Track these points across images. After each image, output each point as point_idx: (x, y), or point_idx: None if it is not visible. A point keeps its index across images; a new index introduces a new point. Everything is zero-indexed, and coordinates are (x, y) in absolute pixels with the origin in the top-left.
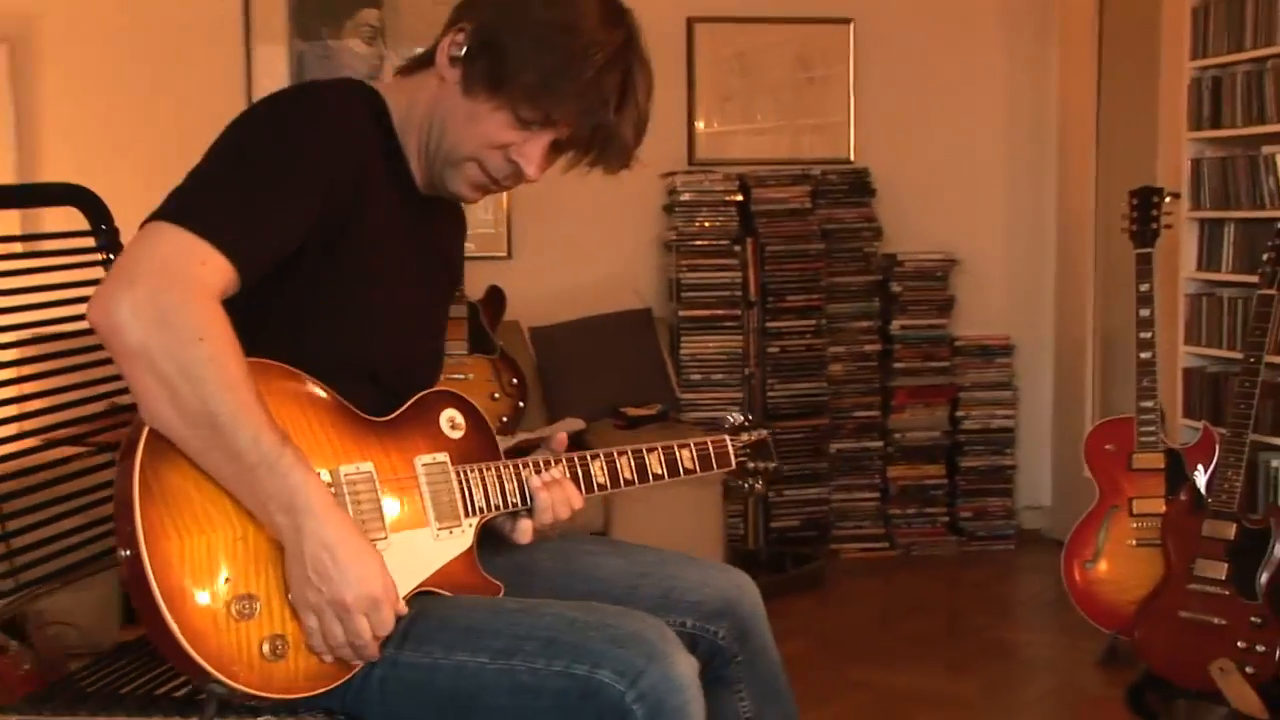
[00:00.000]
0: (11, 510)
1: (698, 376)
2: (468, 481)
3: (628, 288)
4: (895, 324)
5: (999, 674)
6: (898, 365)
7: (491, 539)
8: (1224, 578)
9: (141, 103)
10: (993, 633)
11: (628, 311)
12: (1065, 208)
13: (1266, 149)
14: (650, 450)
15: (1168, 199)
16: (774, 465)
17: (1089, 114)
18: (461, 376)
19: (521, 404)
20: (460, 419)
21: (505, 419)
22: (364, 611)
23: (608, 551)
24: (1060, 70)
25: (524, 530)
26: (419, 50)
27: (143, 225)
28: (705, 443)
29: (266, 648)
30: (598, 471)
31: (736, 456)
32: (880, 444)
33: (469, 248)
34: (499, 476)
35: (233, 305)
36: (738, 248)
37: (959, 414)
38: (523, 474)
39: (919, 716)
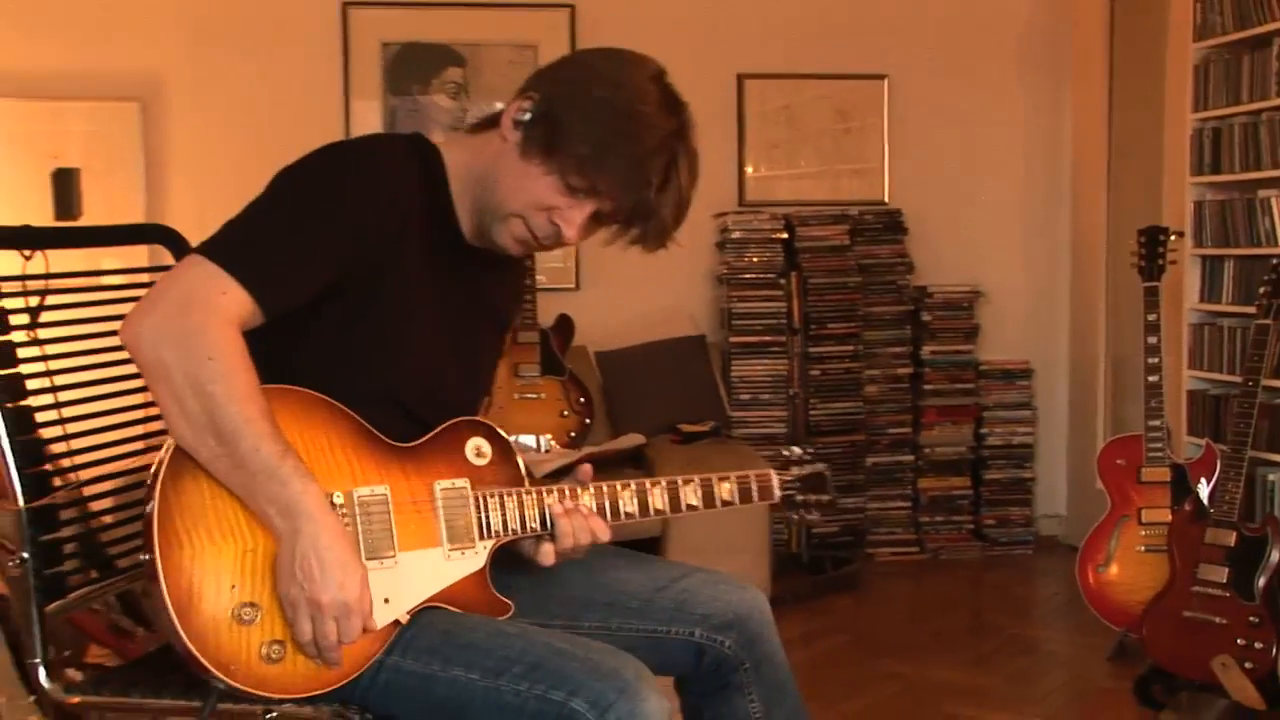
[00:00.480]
0: (129, 501)
1: (747, 396)
2: (485, 506)
3: (684, 316)
4: (925, 349)
5: (1019, 667)
6: (927, 387)
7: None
8: (1224, 581)
9: (254, 151)
10: (1013, 630)
11: (684, 338)
12: (1079, 244)
13: (1262, 193)
14: (686, 481)
15: (1172, 237)
16: (827, 499)
17: (1100, 160)
18: (534, 396)
19: (588, 420)
20: (486, 447)
21: (573, 434)
22: (334, 616)
23: (629, 565)
24: (1074, 120)
25: (545, 554)
26: (498, 105)
27: (185, 256)
28: (748, 476)
29: (264, 651)
30: (627, 500)
31: (783, 490)
32: (911, 458)
33: (540, 280)
34: (519, 502)
35: (277, 334)
36: (783, 280)
37: (983, 431)
38: (545, 500)
39: (946, 705)
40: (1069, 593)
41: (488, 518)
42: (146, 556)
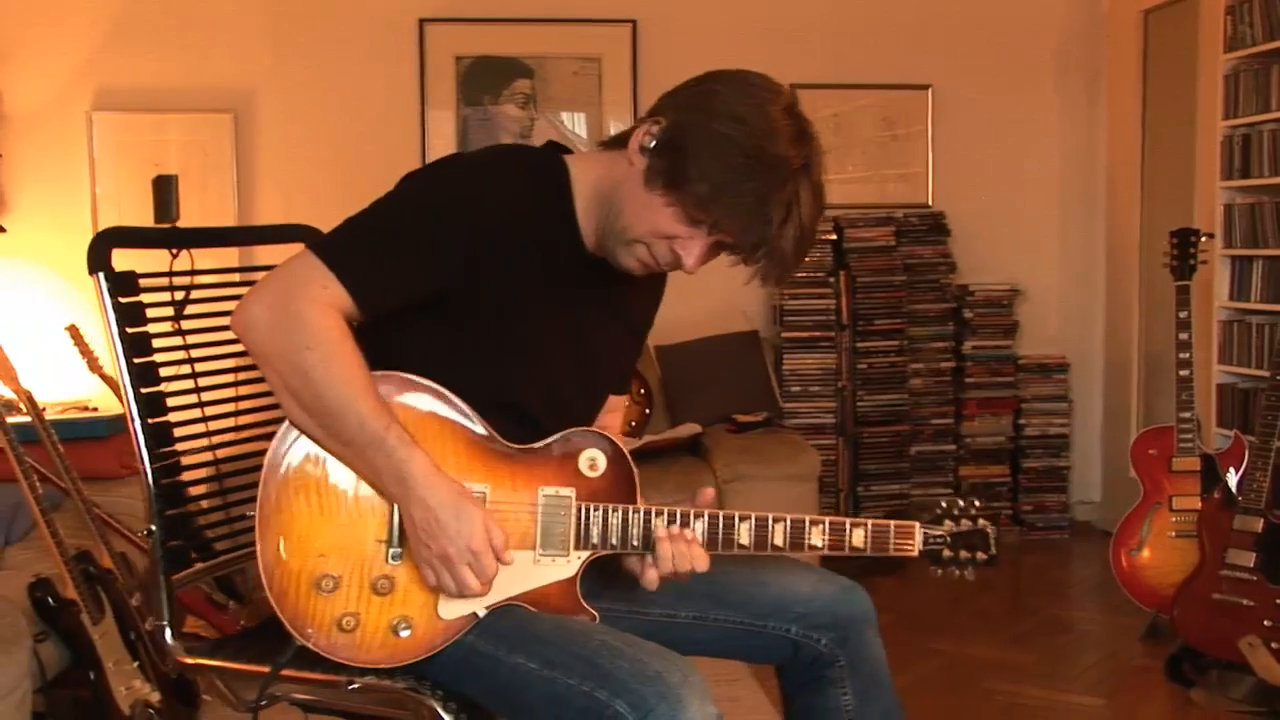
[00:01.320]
0: (235, 485)
1: (797, 389)
2: (587, 518)
3: (738, 313)
4: (967, 345)
5: (1055, 646)
6: (969, 380)
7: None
8: (1252, 565)
9: (336, 158)
10: (1049, 610)
11: (738, 333)
12: (1114, 245)
13: None
14: (815, 522)
15: (1203, 239)
16: (988, 558)
17: (1134, 165)
18: None
19: (648, 411)
20: (601, 460)
21: (634, 423)
22: (465, 563)
23: (739, 560)
24: (1108, 127)
25: (649, 580)
26: (562, 115)
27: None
28: (886, 526)
29: (341, 620)
30: (743, 534)
31: (928, 545)
32: (953, 447)
33: None
34: (624, 519)
35: (401, 331)
36: (832, 279)
37: (1021, 422)
38: (652, 521)
39: (985, 681)
40: (1103, 575)
41: (588, 529)
42: (252, 514)
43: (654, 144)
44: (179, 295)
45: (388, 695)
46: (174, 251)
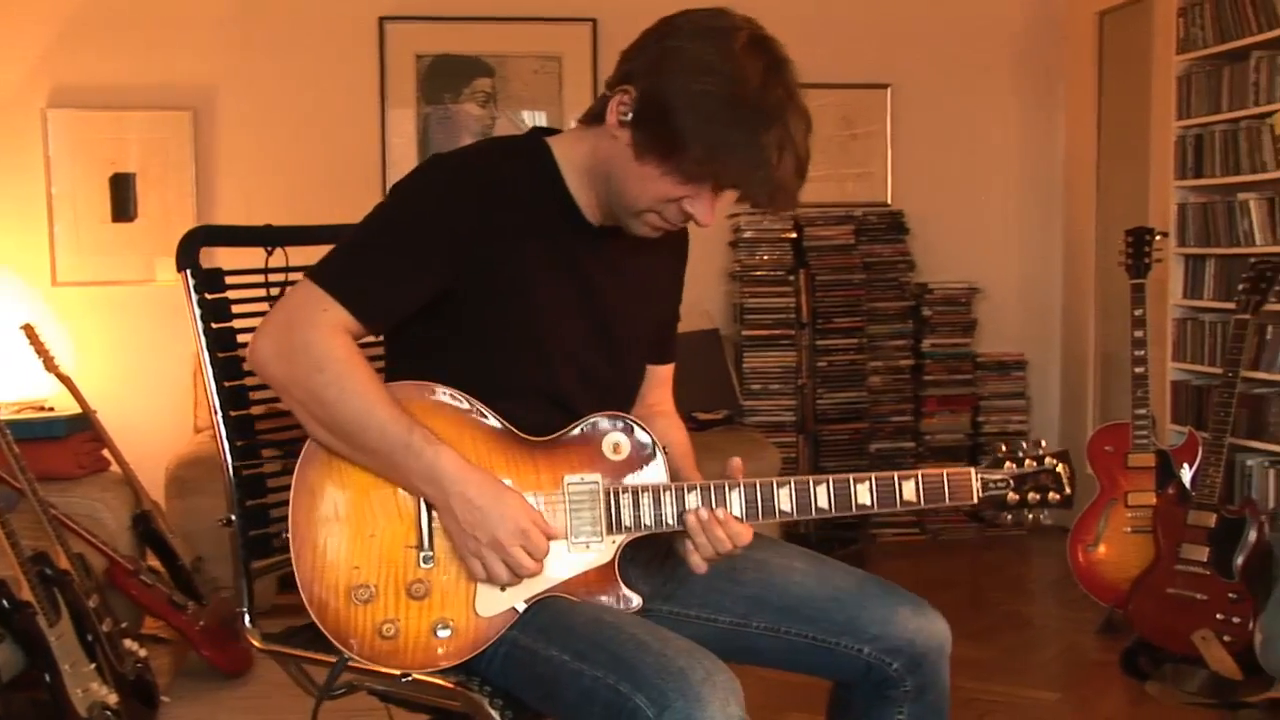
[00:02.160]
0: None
1: (758, 386)
2: (617, 502)
3: (699, 311)
4: (926, 342)
5: (1014, 641)
6: (928, 378)
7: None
8: (1205, 560)
9: (297, 156)
10: (1008, 606)
11: (699, 331)
12: (1070, 244)
13: (1241, 196)
14: (860, 480)
15: (1158, 237)
16: (1062, 498)
17: (1090, 165)
18: None
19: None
20: (625, 444)
21: None
22: (518, 543)
23: (807, 570)
24: (1065, 127)
25: (696, 565)
26: (523, 114)
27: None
28: (939, 474)
29: (381, 628)
30: (784, 499)
31: (988, 490)
32: (913, 444)
33: None
34: (655, 499)
35: (424, 335)
36: (792, 277)
37: (979, 419)
38: (686, 500)
39: None
40: (1060, 571)
41: (619, 513)
42: (287, 535)
43: (631, 116)
44: (275, 292)
45: (440, 690)
46: (269, 249)
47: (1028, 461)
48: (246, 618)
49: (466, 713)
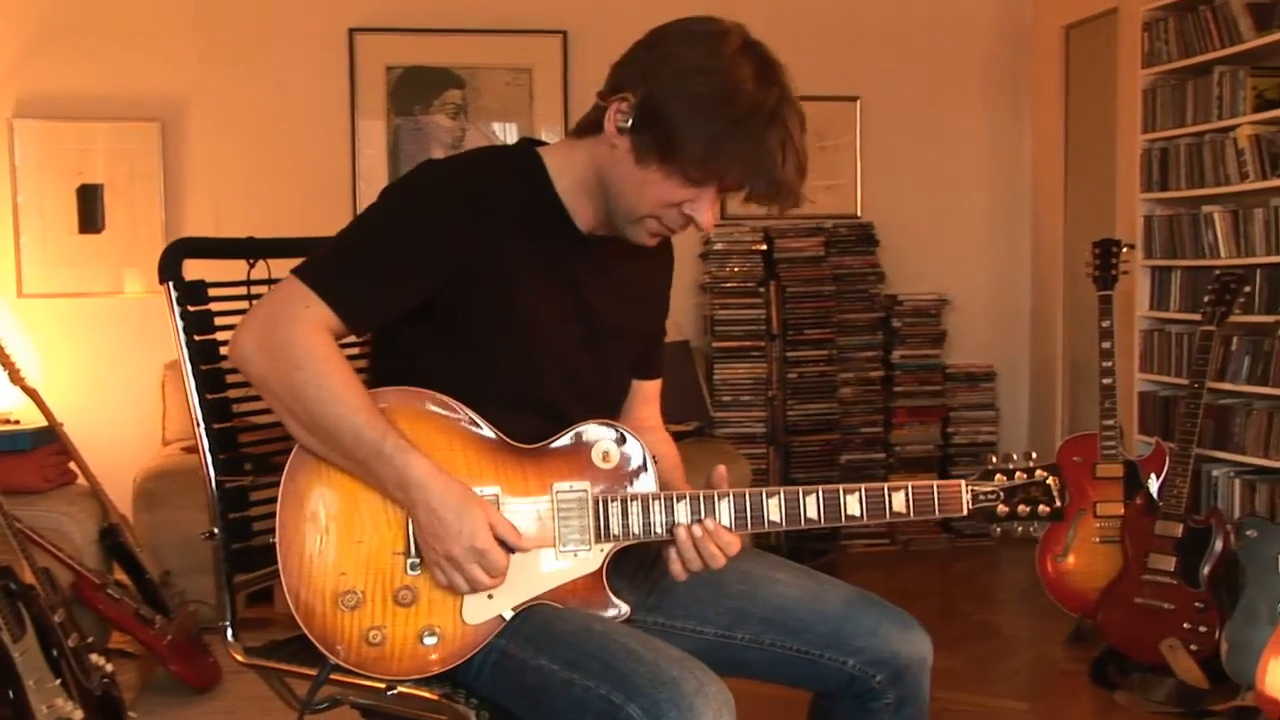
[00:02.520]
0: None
1: (728, 398)
2: (606, 510)
3: (670, 323)
4: (895, 354)
5: (984, 651)
6: (898, 389)
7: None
8: (1173, 569)
9: (267, 167)
10: (978, 616)
11: (669, 343)
12: (1038, 256)
13: (1206, 208)
14: (850, 491)
15: (1124, 249)
16: (1052, 510)
17: (1057, 177)
18: None
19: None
20: (615, 451)
21: None
22: (473, 561)
23: (790, 581)
24: (1033, 140)
25: (676, 573)
26: (493, 125)
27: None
28: (929, 486)
29: (368, 634)
30: (773, 509)
31: (979, 503)
32: (883, 455)
33: None
34: (644, 507)
35: (418, 345)
36: (762, 289)
37: (949, 430)
38: (675, 509)
39: None
40: (1030, 581)
41: (607, 521)
42: (273, 539)
43: (631, 122)
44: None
45: (426, 702)
46: (251, 261)
47: (1018, 474)
48: (229, 632)
49: None
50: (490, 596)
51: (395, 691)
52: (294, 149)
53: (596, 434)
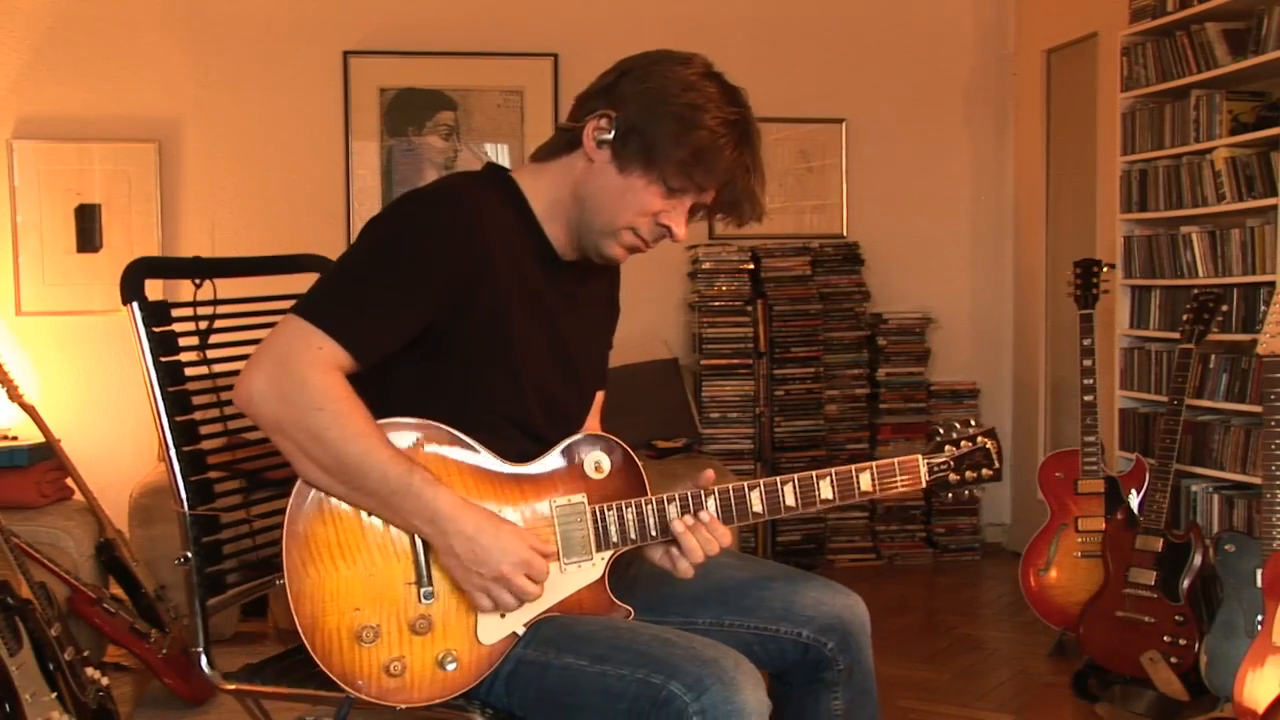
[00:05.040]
0: (263, 510)
1: (716, 415)
2: (603, 519)
3: (658, 341)
4: (881, 371)
5: (967, 664)
6: (883, 406)
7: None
8: (1153, 583)
9: (261, 188)
10: (961, 630)
11: (658, 360)
12: (1021, 275)
13: (1184, 229)
14: (821, 476)
15: (1105, 269)
16: (994, 473)
17: (1039, 197)
18: None
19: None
20: (605, 461)
21: None
22: (522, 574)
23: (737, 564)
24: (1015, 162)
25: (685, 571)
26: (485, 146)
27: (284, 316)
28: (891, 464)
29: (388, 665)
30: (755, 501)
31: (934, 474)
32: None
33: None
34: (639, 513)
35: (399, 372)
36: (750, 308)
37: None
38: (667, 510)
39: (900, 700)
40: (1013, 595)
41: (605, 529)
42: (281, 581)
43: (611, 135)
44: (203, 325)
45: (435, 714)
46: (197, 282)
47: (963, 443)
48: (204, 659)
49: None
50: (503, 616)
51: (402, 708)
52: (289, 169)
53: (585, 447)
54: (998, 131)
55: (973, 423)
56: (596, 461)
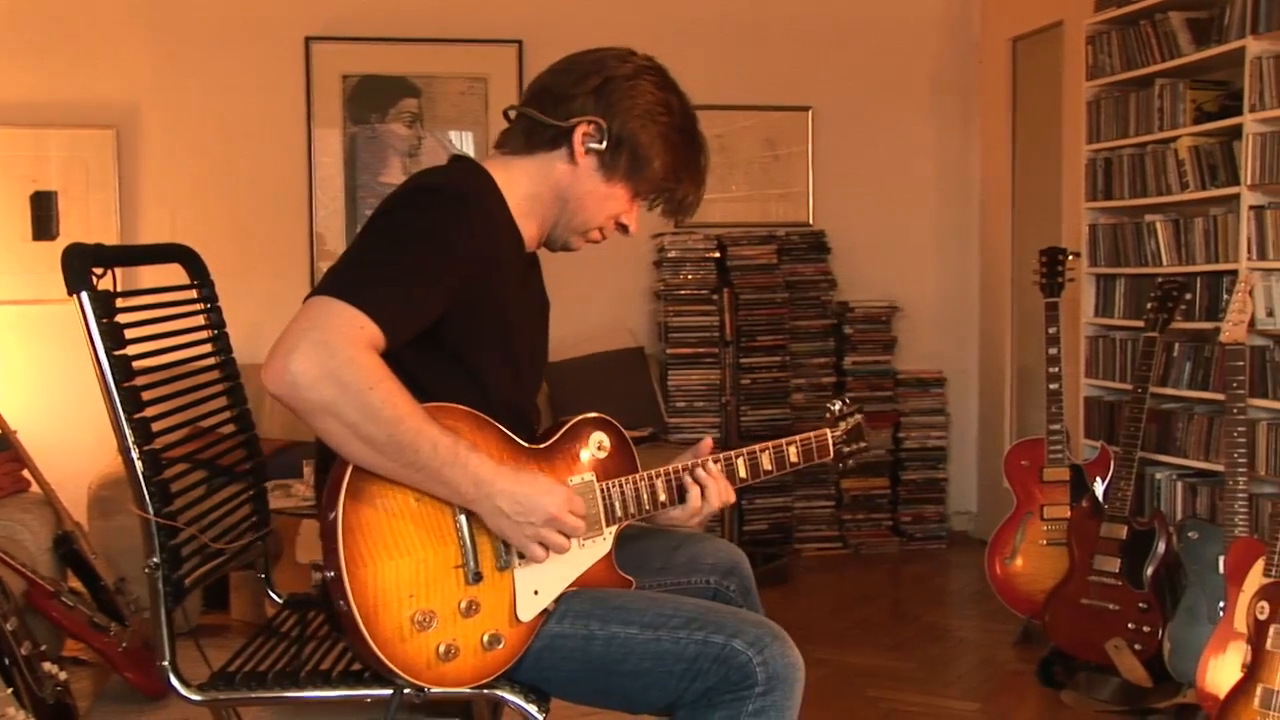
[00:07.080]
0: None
1: (682, 404)
2: (610, 495)
3: (624, 330)
4: (847, 360)
5: (933, 652)
6: (849, 394)
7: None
8: (1117, 571)
9: (222, 175)
10: (928, 618)
11: (624, 350)
12: (987, 264)
13: (1148, 217)
14: (763, 450)
15: (1070, 257)
16: (865, 445)
17: (1005, 185)
18: None
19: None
20: (606, 441)
21: None
22: (569, 511)
23: (643, 535)
24: (981, 150)
25: (697, 525)
26: (449, 134)
27: (306, 300)
28: (809, 438)
29: (441, 650)
30: (741, 467)
31: (835, 446)
32: (834, 460)
33: None
34: (636, 487)
35: (402, 356)
36: (716, 296)
37: (900, 435)
38: (673, 477)
39: (868, 689)
40: (979, 583)
41: (612, 505)
42: (331, 574)
43: (602, 144)
44: (151, 314)
45: (459, 697)
46: (99, 272)
47: (850, 419)
48: (172, 676)
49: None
50: (536, 592)
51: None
52: (250, 156)
53: (589, 427)
54: (963, 119)
55: (846, 400)
56: (600, 441)
